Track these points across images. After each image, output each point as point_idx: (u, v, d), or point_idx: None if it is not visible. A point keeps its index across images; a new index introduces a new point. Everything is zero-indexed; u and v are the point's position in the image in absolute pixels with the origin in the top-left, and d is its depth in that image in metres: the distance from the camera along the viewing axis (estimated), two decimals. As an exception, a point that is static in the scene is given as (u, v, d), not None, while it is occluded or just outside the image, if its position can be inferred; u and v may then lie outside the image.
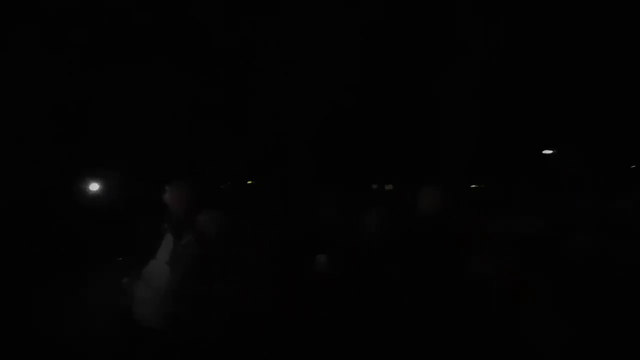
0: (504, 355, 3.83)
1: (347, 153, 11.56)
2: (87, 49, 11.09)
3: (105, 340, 4.34)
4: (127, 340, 4.20)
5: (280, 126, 11.56)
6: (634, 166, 9.68)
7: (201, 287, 4.07)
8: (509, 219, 4.37)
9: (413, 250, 4.10)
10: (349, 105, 11.31)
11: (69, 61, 10.92)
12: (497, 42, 10.60)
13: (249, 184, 9.18)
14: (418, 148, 11.48)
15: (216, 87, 12.01)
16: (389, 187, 9.90)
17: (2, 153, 10.25)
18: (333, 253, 4.31)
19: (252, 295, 4.17)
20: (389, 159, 11.27)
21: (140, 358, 4.16)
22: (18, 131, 10.59)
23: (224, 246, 4.22)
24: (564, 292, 3.89)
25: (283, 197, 6.37)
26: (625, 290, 3.92)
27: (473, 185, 9.64)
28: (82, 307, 4.78)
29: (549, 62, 10.99)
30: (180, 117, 11.56)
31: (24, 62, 10.57)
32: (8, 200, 8.57)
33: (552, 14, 10.72)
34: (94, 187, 9.96)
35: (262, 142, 11.43)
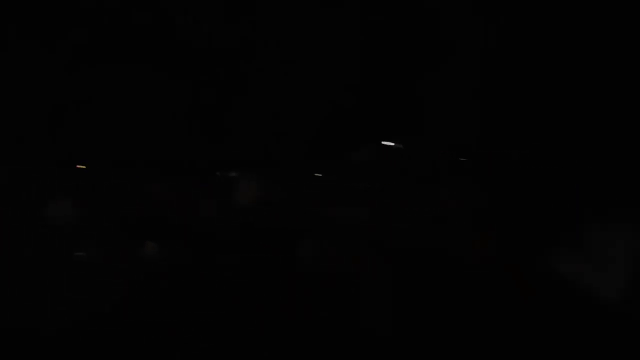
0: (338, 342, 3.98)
1: (196, 140, 11.44)
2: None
3: None
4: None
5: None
6: (463, 159, 10.30)
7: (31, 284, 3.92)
8: (340, 208, 4.51)
9: (249, 240, 4.16)
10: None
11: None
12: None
13: (81, 168, 8.81)
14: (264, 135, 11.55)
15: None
16: (233, 174, 9.87)
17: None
18: (170, 241, 4.28)
19: (88, 290, 4.06)
20: (241, 146, 11.26)
21: None
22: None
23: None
24: (390, 282, 4.09)
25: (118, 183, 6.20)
26: (450, 283, 4.18)
27: (315, 174, 9.83)
28: None
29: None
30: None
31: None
32: None
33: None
34: None
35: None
